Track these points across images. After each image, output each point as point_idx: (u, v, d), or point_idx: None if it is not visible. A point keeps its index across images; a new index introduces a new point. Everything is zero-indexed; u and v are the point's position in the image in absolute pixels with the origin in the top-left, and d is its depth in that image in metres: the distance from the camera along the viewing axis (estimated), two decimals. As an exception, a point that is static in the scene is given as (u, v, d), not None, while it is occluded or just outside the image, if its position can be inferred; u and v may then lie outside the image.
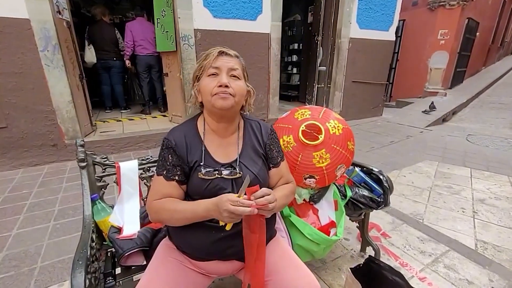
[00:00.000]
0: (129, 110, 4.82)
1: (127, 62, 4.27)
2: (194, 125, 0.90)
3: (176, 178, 0.83)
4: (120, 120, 4.18)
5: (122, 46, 4.31)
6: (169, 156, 0.84)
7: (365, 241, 1.59)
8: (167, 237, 0.93)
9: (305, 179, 1.19)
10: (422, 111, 5.60)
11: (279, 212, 1.13)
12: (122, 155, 3.27)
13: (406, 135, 4.41)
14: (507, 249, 1.71)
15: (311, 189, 1.27)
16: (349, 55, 4.82)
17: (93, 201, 1.05)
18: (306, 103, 5.51)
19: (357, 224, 1.62)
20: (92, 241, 0.93)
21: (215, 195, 0.77)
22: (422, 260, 1.60)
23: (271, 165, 0.94)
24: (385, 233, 1.85)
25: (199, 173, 0.81)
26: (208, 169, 0.82)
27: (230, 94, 0.81)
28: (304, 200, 1.25)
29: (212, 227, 0.80)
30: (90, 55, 4.07)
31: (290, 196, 0.94)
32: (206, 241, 0.82)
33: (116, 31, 4.26)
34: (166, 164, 0.84)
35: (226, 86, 0.80)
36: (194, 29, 3.38)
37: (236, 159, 0.87)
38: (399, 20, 6.03)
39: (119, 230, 1.04)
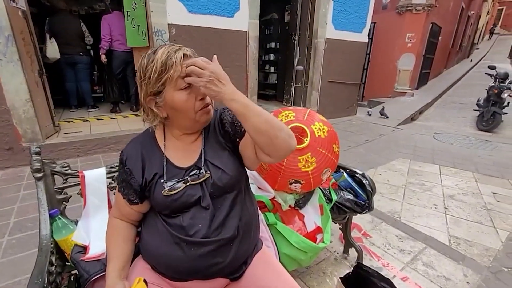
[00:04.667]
0: (97, 109, 4.48)
1: (103, 57, 3.94)
2: (152, 137, 0.82)
3: (131, 198, 0.78)
4: (87, 120, 3.86)
5: (88, 40, 3.99)
6: (122, 172, 0.79)
7: (348, 243, 1.58)
8: (140, 255, 0.83)
9: (291, 184, 1.13)
10: (367, 113, 5.91)
11: (264, 221, 1.06)
12: (89, 158, 3.02)
13: (379, 134, 4.57)
14: (477, 243, 1.80)
15: (296, 194, 1.23)
16: (325, 55, 4.89)
17: (53, 217, 0.91)
18: (284, 103, 5.52)
19: (340, 226, 1.61)
20: (51, 265, 0.80)
21: (186, 204, 0.73)
22: (402, 259, 1.63)
23: (237, 140, 0.80)
24: (366, 232, 1.87)
25: (162, 191, 0.73)
26: (171, 183, 0.74)
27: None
28: (289, 206, 1.20)
29: (190, 242, 0.72)
30: (53, 50, 3.68)
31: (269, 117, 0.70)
32: (185, 259, 0.72)
33: (82, 24, 3.92)
34: (121, 181, 0.79)
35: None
36: (168, 24, 3.20)
37: (201, 158, 0.78)
38: (371, 23, 6.25)
39: (84, 249, 0.91)
